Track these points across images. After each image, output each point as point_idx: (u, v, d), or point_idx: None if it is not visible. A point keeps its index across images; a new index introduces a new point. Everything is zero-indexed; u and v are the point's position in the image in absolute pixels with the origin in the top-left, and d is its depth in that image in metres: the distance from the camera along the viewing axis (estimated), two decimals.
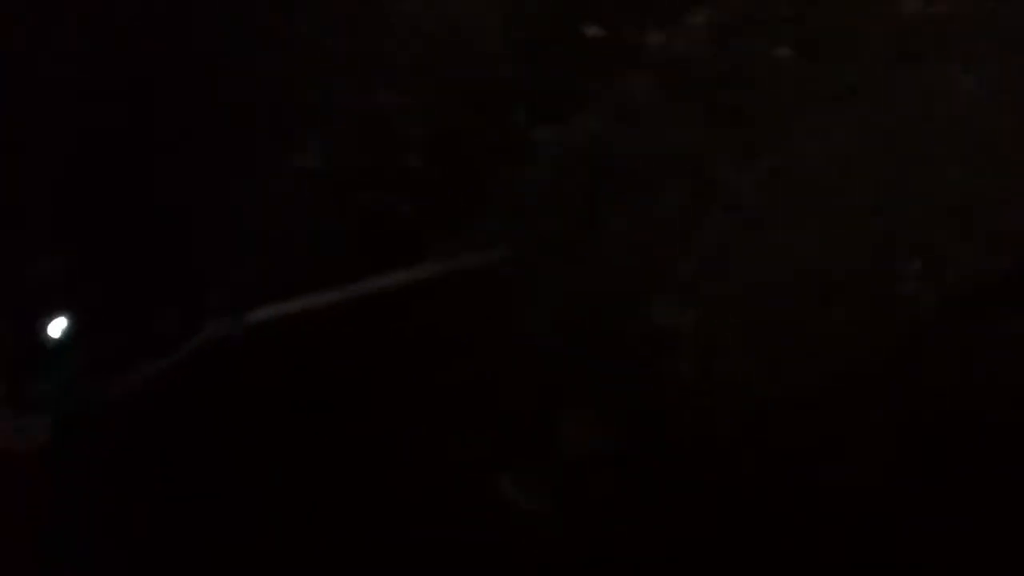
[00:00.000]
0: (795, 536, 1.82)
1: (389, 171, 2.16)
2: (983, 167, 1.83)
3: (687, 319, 1.94)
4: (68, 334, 2.07)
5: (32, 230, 2.20)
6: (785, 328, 1.89)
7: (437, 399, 2.06)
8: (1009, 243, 1.81)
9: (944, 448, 1.80)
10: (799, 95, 1.88)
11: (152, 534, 2.00)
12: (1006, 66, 1.83)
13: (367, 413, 2.09)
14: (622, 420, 2.00)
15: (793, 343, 1.88)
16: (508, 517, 1.95)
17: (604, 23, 1.97)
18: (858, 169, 1.86)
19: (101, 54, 2.20)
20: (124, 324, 2.12)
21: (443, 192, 2.14)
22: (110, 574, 1.95)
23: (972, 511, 1.76)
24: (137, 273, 2.23)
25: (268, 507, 2.03)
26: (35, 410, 2.00)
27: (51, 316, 2.07)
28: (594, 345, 2.03)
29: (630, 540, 1.89)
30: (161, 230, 2.27)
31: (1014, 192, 1.82)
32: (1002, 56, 1.83)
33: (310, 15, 2.16)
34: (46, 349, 2.07)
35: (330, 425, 2.10)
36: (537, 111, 2.07)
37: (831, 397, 1.85)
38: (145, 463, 2.05)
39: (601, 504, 1.97)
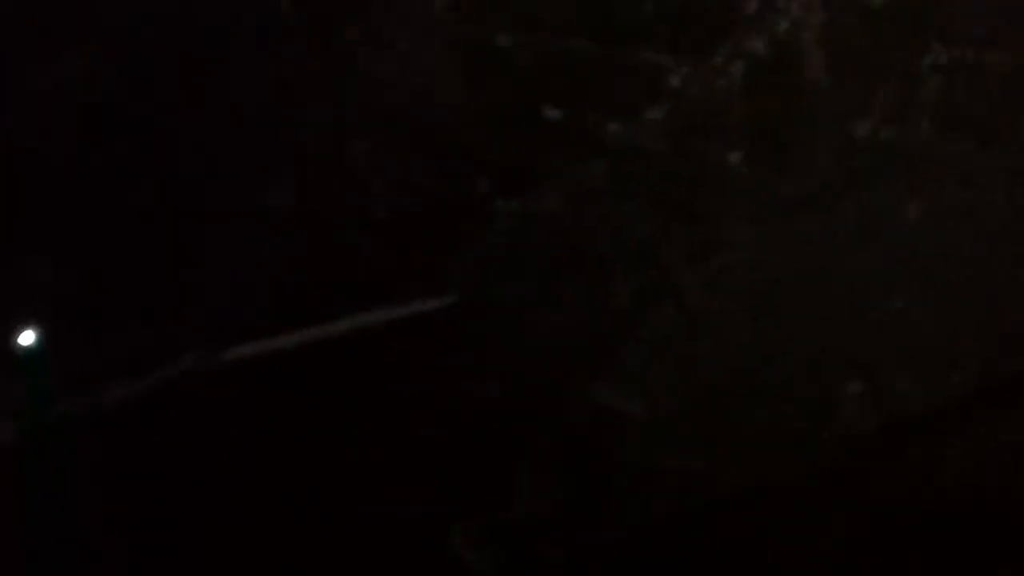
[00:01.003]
0: None
1: (356, 217, 2.21)
2: (926, 294, 1.86)
3: (632, 405, 2.01)
4: (42, 342, 2.14)
5: (14, 237, 2.26)
6: (726, 426, 1.96)
7: (395, 450, 2.13)
8: (949, 371, 1.85)
9: (879, 562, 1.86)
10: (748, 201, 1.93)
11: (107, 547, 2.09)
12: (949, 196, 1.86)
13: (325, 459, 2.17)
14: (567, 490, 2.07)
15: (733, 442, 1.95)
16: (457, 571, 2.04)
17: (563, 107, 2.01)
18: (802, 281, 1.91)
19: (102, 77, 2.25)
20: (97, 342, 2.19)
21: (405, 243, 2.19)
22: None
23: None
24: (113, 293, 2.29)
25: (217, 548, 2.11)
26: (4, 416, 2.07)
27: (27, 323, 2.14)
28: (541, 414, 2.10)
29: None
30: (139, 254, 2.33)
31: (955, 321, 1.86)
32: (946, 186, 1.85)
33: (291, 63, 2.20)
34: (19, 355, 2.14)
35: (286, 469, 2.18)
36: (498, 182, 2.11)
37: (767, 500, 1.92)
38: (107, 480, 2.13)
39: (541, 569, 2.05)
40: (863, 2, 1.85)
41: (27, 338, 2.14)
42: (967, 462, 1.92)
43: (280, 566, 2.15)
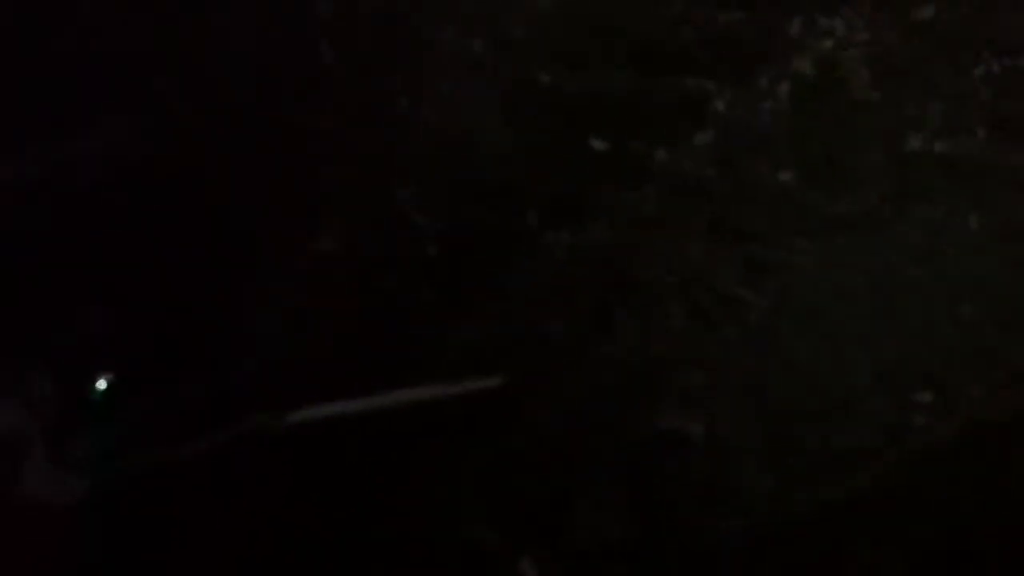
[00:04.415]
0: None
1: (407, 259, 2.22)
2: (990, 302, 1.84)
3: (695, 427, 2.00)
4: (110, 397, 2.16)
5: (74, 289, 2.29)
6: (793, 445, 1.94)
7: (461, 486, 2.13)
8: (1020, 376, 1.82)
9: None
10: (802, 219, 1.92)
11: None
12: (1009, 205, 1.85)
13: (394, 502, 2.17)
14: (632, 514, 2.06)
15: (801, 461, 1.94)
16: None
17: (609, 138, 2.02)
18: (865, 297, 1.90)
19: (151, 133, 2.28)
20: (160, 396, 2.21)
21: (459, 281, 2.20)
22: None
23: None
24: (165, 344, 2.31)
25: None
26: (74, 469, 2.08)
27: (96, 378, 2.16)
28: (604, 442, 2.09)
29: None
30: (190, 304, 2.35)
31: (1022, 327, 1.83)
32: (1005, 195, 1.84)
33: (334, 111, 2.22)
34: (90, 410, 2.15)
35: (355, 512, 2.18)
36: (548, 215, 2.12)
37: (839, 516, 1.90)
38: (170, 535, 2.14)
39: None
40: (909, 17, 1.86)
41: (100, 386, 2.15)
42: None
43: None
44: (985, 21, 1.82)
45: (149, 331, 2.24)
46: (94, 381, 2.12)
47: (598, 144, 2.06)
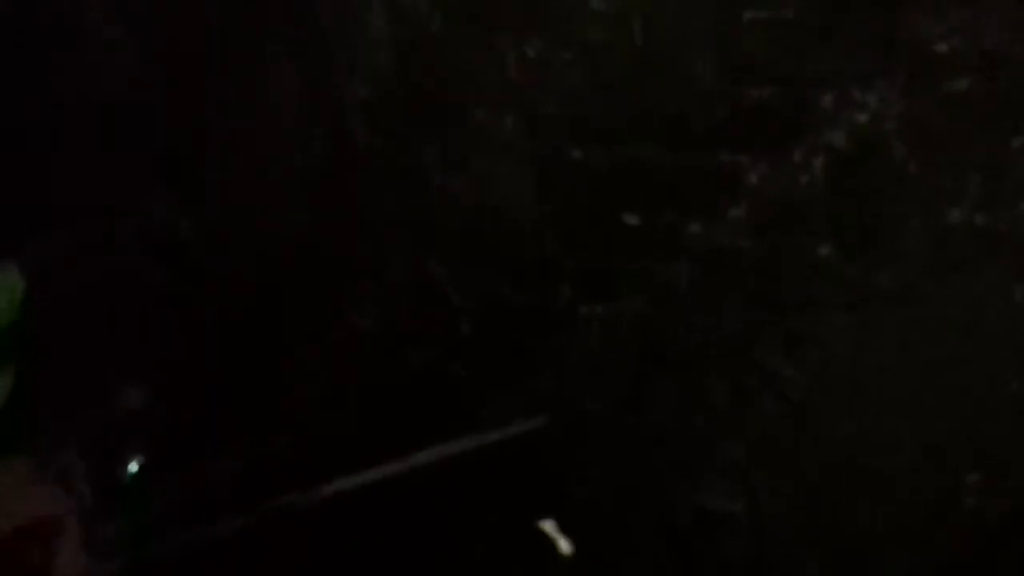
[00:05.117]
0: None
1: (440, 334, 2.21)
2: None
3: (736, 504, 1.96)
4: (142, 480, 2.15)
5: (110, 368, 2.30)
6: (837, 523, 1.89)
7: (498, 564, 2.10)
8: None
9: None
10: (840, 293, 1.90)
11: None
12: None
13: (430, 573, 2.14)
14: None
15: (846, 540, 1.88)
16: None
17: (641, 212, 2.01)
18: (907, 372, 1.87)
19: (184, 215, 2.32)
20: (193, 475, 2.20)
21: (494, 358, 2.18)
22: None
23: None
24: (201, 421, 2.30)
25: None
26: (107, 552, 2.07)
27: (128, 460, 2.15)
28: (643, 519, 2.05)
29: None
30: (226, 381, 2.35)
31: None
32: None
33: (368, 186, 2.24)
34: (122, 492, 2.14)
35: None
36: (581, 289, 2.11)
37: None
38: None
39: None
40: (944, 89, 1.84)
41: (132, 468, 2.15)
42: None
43: None
44: (1022, 91, 1.79)
45: (181, 410, 2.24)
46: (126, 463, 2.12)
47: (630, 218, 2.06)
